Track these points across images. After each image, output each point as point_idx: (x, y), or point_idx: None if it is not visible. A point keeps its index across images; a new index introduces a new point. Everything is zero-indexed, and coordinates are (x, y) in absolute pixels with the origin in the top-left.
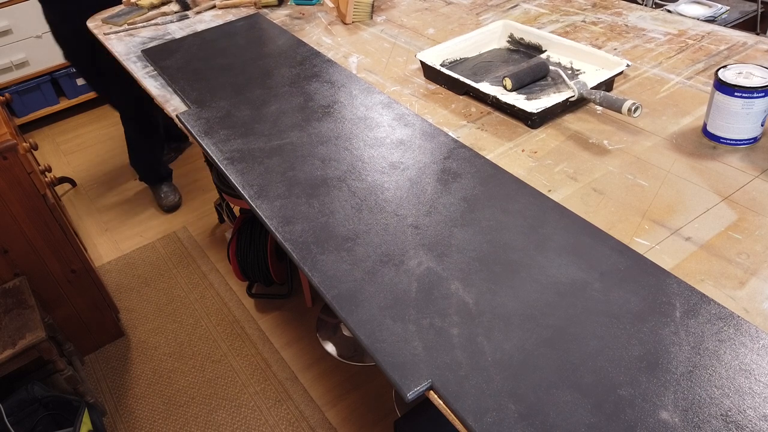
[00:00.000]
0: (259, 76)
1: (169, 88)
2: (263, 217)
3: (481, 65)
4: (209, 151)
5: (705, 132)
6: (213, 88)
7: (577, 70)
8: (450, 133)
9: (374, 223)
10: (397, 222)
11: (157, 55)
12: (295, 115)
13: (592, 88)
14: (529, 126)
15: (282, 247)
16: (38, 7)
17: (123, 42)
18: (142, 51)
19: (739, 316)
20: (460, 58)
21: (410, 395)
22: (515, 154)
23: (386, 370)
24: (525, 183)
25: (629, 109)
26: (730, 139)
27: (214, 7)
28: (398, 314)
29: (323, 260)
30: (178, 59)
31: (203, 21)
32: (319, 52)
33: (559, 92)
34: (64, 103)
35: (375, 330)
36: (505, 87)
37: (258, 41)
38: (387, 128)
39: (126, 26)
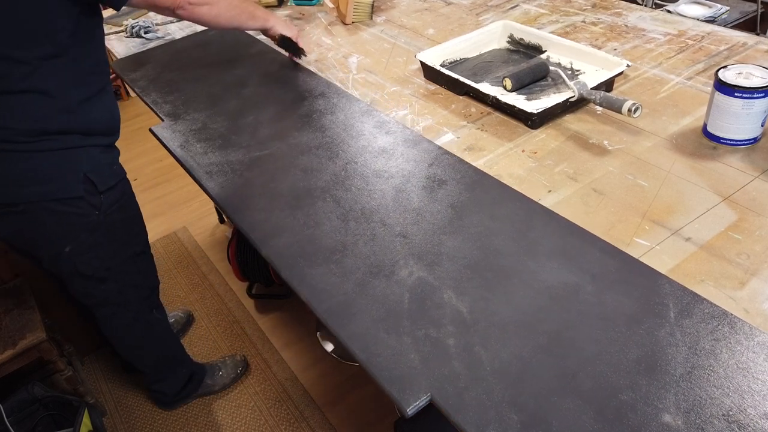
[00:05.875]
0: (235, 85)
1: (141, 101)
2: (246, 231)
3: (481, 65)
4: (187, 166)
5: (705, 132)
6: (187, 99)
7: (577, 71)
8: (450, 134)
9: (361, 234)
10: (385, 231)
11: (127, 67)
12: (274, 125)
13: (592, 89)
14: (529, 126)
15: (268, 262)
16: None
17: (123, 42)
18: (113, 63)
19: (732, 314)
20: (460, 59)
21: (410, 411)
22: (515, 155)
23: (384, 385)
24: (510, 187)
25: (629, 110)
26: (730, 140)
27: None
28: (392, 326)
29: (311, 274)
30: (150, 70)
31: None
32: None
33: (559, 92)
34: None
35: (369, 344)
36: (505, 87)
37: (232, 48)
38: (368, 136)
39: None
